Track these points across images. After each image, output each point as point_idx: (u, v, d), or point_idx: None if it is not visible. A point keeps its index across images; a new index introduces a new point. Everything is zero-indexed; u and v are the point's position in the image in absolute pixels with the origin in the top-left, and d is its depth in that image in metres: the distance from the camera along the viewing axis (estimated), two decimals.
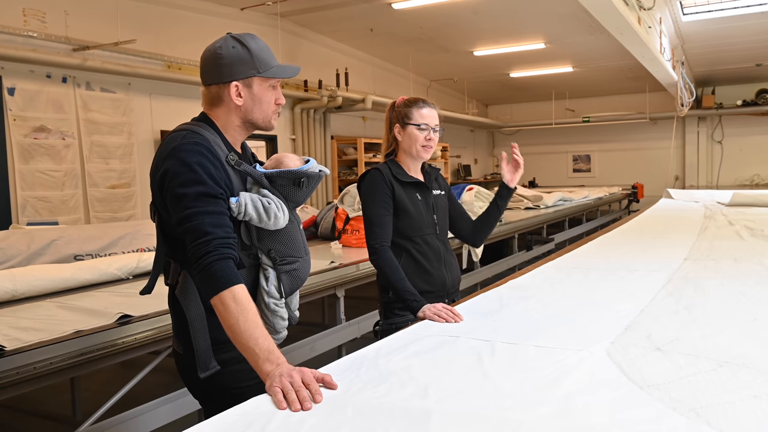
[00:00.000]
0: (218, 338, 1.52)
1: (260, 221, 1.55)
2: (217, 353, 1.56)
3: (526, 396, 1.29)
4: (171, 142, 1.53)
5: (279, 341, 1.63)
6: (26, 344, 2.09)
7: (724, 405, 1.23)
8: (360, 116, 10.31)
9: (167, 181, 1.49)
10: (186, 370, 1.62)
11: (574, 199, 8.98)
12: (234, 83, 1.57)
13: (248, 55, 1.58)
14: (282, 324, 1.64)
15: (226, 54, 1.57)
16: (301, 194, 1.67)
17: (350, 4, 7.56)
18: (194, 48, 7.09)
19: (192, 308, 1.55)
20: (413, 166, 2.35)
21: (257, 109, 1.61)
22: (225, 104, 1.60)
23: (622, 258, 3.21)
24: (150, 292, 1.65)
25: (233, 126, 1.62)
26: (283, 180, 1.63)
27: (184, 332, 1.57)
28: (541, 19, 8.49)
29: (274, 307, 1.61)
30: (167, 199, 1.50)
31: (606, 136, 13.83)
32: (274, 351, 1.37)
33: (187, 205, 1.45)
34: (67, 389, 3.18)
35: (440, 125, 2.36)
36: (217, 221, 1.46)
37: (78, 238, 3.62)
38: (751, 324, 1.84)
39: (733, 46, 9.72)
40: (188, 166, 1.47)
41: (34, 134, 5.63)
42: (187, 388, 1.68)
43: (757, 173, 12.66)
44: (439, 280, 2.32)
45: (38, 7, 5.63)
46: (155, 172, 1.54)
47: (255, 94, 1.60)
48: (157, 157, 1.55)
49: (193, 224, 1.44)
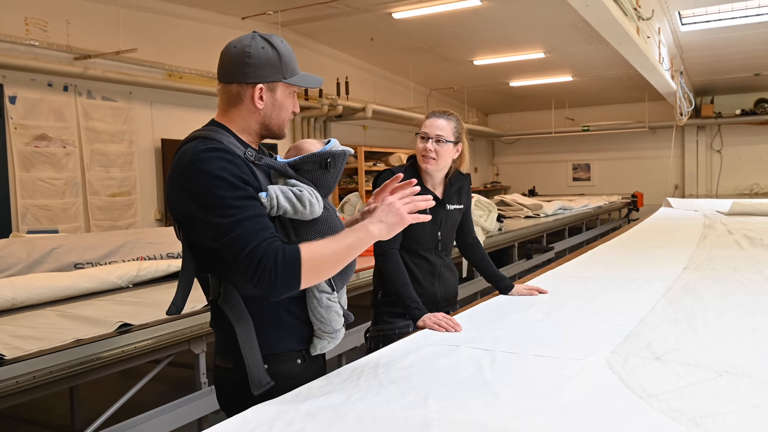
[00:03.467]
0: (268, 351, 1.46)
1: (295, 212, 1.44)
2: (269, 366, 1.46)
3: (526, 405, 1.29)
4: (184, 156, 1.40)
5: (336, 342, 1.56)
6: (26, 353, 2.09)
7: (723, 415, 1.23)
8: (360, 125, 10.33)
9: (192, 198, 1.37)
10: (233, 388, 1.50)
11: (574, 208, 8.99)
12: (259, 86, 1.47)
13: (277, 59, 1.49)
14: (338, 321, 1.54)
15: (255, 54, 1.46)
16: (330, 177, 1.57)
17: (351, 13, 7.59)
18: (195, 57, 7.14)
19: (239, 321, 1.44)
20: (428, 176, 2.30)
21: (276, 115, 1.52)
22: (244, 106, 1.50)
23: (622, 267, 3.21)
24: (179, 312, 1.52)
25: (249, 130, 1.52)
26: (309, 165, 1.54)
27: (232, 347, 1.46)
28: (540, 29, 8.53)
29: (328, 302, 1.51)
30: (196, 216, 1.38)
31: (606, 145, 13.85)
32: (359, 228, 1.41)
33: (221, 216, 1.33)
34: (67, 398, 3.17)
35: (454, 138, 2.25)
36: (257, 225, 1.34)
37: (78, 247, 3.62)
38: (751, 333, 1.84)
39: (732, 56, 9.76)
40: (210, 175, 1.34)
41: (35, 142, 5.65)
42: (225, 408, 1.54)
43: (757, 182, 12.67)
44: (430, 294, 2.31)
45: (40, 16, 5.66)
46: (173, 190, 1.43)
47: (277, 100, 1.51)
48: (172, 172, 1.43)
49: (234, 236, 1.32)
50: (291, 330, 1.51)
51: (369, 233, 1.41)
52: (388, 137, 10.95)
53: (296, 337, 1.52)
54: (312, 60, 8.93)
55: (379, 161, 10.08)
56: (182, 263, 1.50)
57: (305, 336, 1.54)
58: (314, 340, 1.54)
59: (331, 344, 1.56)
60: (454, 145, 2.27)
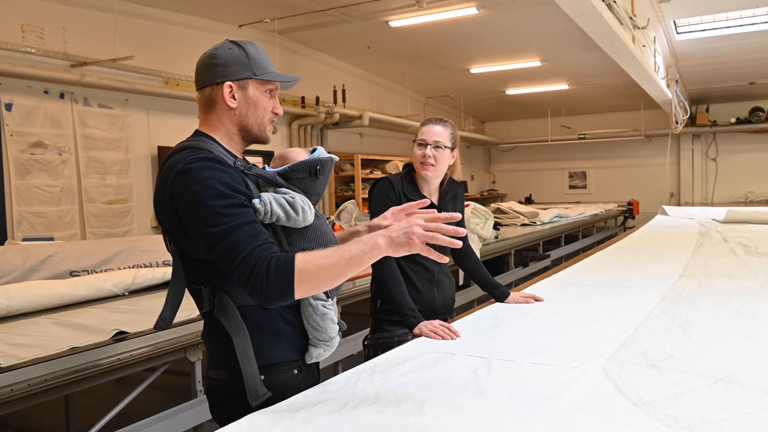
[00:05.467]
0: (266, 362, 1.45)
1: (288, 219, 1.44)
2: (266, 377, 1.45)
3: (522, 413, 1.29)
4: (173, 165, 1.39)
5: (332, 349, 1.55)
6: (21, 361, 2.08)
7: (718, 422, 1.23)
8: (357, 132, 10.35)
9: (182, 207, 1.36)
10: (227, 400, 1.47)
11: (570, 216, 9.01)
12: (228, 83, 1.46)
13: (245, 57, 1.48)
14: (334, 328, 1.53)
15: (221, 54, 1.48)
16: (319, 184, 1.58)
17: (348, 21, 7.63)
18: (192, 64, 7.09)
19: (236, 331, 1.42)
20: (425, 183, 2.32)
21: (252, 114, 1.50)
22: (219, 107, 1.48)
23: (618, 275, 3.22)
24: (167, 326, 1.49)
25: (230, 135, 1.50)
26: (299, 173, 1.55)
27: (227, 358, 1.44)
28: (536, 38, 8.58)
29: (324, 309, 1.51)
30: (188, 225, 1.37)
31: (601, 153, 13.90)
32: (365, 240, 1.31)
33: (214, 225, 1.32)
34: (62, 406, 3.16)
35: (451, 144, 2.28)
36: (250, 231, 1.32)
37: (74, 254, 3.61)
38: (746, 341, 1.84)
39: (727, 65, 9.82)
40: (201, 183, 1.34)
41: (31, 149, 5.64)
42: (219, 420, 1.48)
43: (752, 190, 12.72)
44: (429, 301, 2.32)
45: (37, 23, 5.67)
46: (162, 201, 1.42)
47: (250, 97, 1.49)
48: (161, 184, 1.42)
49: (226, 244, 1.31)
50: (287, 339, 1.50)
51: (375, 247, 1.30)
52: (384, 145, 10.97)
53: (292, 346, 1.51)
54: (309, 67, 8.96)
55: (376, 169, 10.10)
56: (172, 276, 1.48)
57: (301, 345, 1.53)
58: (310, 348, 1.53)
59: (326, 352, 1.55)
60: (451, 151, 2.29)
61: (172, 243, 1.47)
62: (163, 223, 1.47)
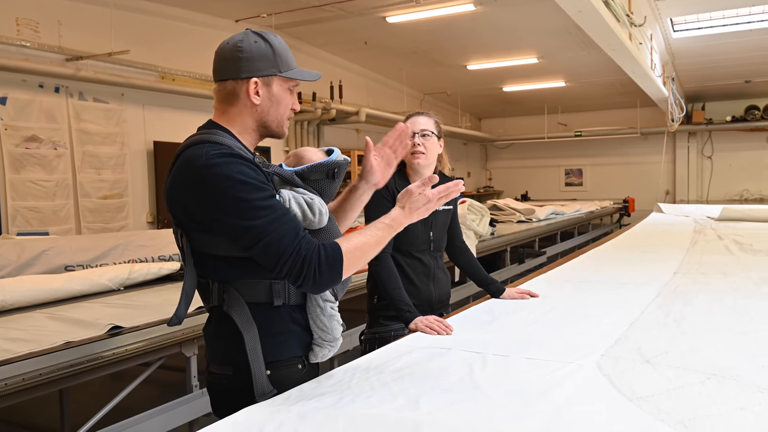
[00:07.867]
0: (272, 358, 1.44)
1: (304, 219, 1.42)
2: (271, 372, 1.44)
3: (517, 408, 1.30)
4: (192, 160, 1.35)
5: (335, 350, 1.54)
6: (15, 355, 2.08)
7: (711, 417, 1.24)
8: (354, 128, 10.35)
9: (212, 203, 1.33)
10: (229, 395, 1.45)
11: (566, 213, 9.03)
12: (254, 80, 1.43)
13: (271, 52, 1.44)
14: (339, 329, 1.53)
15: (247, 48, 1.42)
16: (334, 187, 1.57)
17: (345, 17, 7.62)
18: (188, 59, 7.13)
19: (247, 327, 1.41)
20: (417, 177, 2.31)
21: (274, 111, 1.48)
22: (241, 102, 1.45)
23: (613, 271, 3.22)
24: (180, 322, 1.47)
25: (248, 130, 1.48)
26: (317, 174, 1.53)
27: (233, 354, 1.42)
28: (534, 35, 8.58)
29: (331, 311, 1.50)
30: (217, 221, 1.34)
31: (598, 151, 13.94)
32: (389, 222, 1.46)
33: (253, 219, 1.30)
34: (56, 401, 3.15)
35: (437, 132, 2.32)
36: (291, 224, 1.35)
37: (69, 249, 3.60)
38: (740, 337, 1.85)
39: (723, 63, 9.85)
40: (231, 179, 1.31)
41: (26, 144, 5.62)
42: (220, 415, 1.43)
43: (747, 188, 12.77)
44: (425, 296, 2.32)
45: (31, 16, 5.64)
46: (177, 196, 1.39)
47: (274, 95, 1.46)
48: (176, 178, 1.38)
49: (271, 238, 1.31)
50: (294, 337, 1.49)
51: (401, 225, 1.48)
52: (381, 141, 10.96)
53: (298, 344, 1.50)
54: (305, 63, 8.84)
55: None
56: (186, 272, 1.46)
57: (306, 343, 1.52)
58: (314, 348, 1.52)
59: (330, 352, 1.54)
60: (438, 139, 2.32)
61: (184, 237, 1.43)
62: (177, 217, 1.43)
